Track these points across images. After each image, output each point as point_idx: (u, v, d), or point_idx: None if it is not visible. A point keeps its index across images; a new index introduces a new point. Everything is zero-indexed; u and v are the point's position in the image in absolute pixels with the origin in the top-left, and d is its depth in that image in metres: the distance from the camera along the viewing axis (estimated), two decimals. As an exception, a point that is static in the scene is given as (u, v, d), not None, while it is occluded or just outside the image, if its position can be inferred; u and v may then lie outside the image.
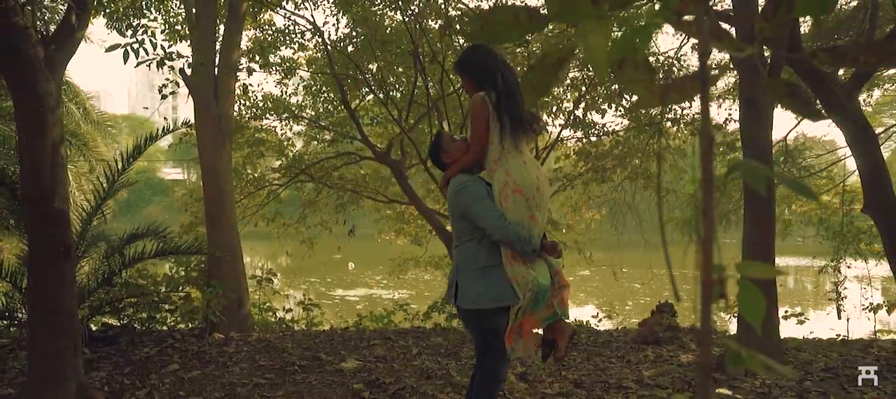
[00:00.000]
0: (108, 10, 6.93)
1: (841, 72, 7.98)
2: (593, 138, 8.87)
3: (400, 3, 7.76)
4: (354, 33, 8.51)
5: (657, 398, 4.34)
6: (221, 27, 6.91)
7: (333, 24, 13.41)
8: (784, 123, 69.85)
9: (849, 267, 9.29)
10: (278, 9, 8.72)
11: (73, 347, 3.79)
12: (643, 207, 11.14)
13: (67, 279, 3.76)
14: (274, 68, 9.56)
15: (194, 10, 6.65)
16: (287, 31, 9.01)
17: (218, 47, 6.71)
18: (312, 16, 27.93)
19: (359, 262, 22.16)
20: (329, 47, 8.18)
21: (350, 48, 8.61)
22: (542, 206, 2.98)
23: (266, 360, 5.14)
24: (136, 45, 5.31)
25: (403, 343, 5.77)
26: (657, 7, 0.83)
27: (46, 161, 3.64)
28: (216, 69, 6.38)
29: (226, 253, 6.15)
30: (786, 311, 7.27)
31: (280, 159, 9.40)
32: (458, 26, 7.89)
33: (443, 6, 7.67)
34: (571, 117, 7.93)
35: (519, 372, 4.75)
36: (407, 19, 7.67)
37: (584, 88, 8.48)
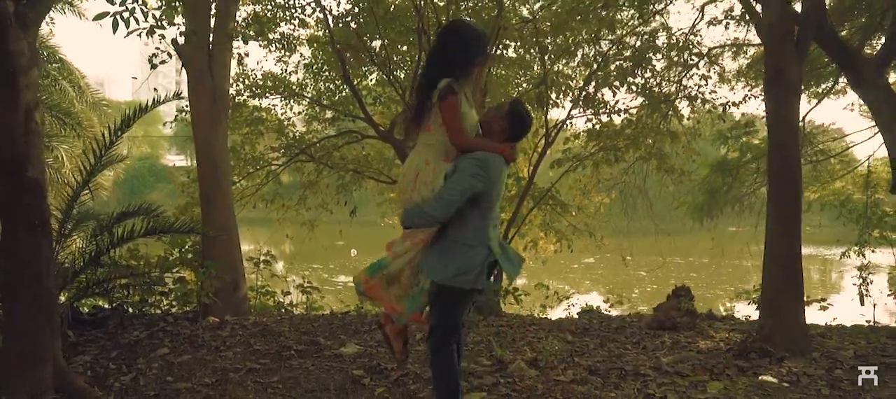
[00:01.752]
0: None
1: (866, 49, 7.63)
2: (604, 118, 8.52)
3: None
4: (357, 8, 8.18)
5: (678, 386, 4.05)
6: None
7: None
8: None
9: (873, 251, 8.95)
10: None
11: (50, 328, 3.51)
12: (654, 192, 10.80)
13: (44, 254, 3.48)
14: (273, 45, 9.26)
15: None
16: (287, 5, 8.68)
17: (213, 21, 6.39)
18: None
19: (362, 248, 21.90)
20: (330, 20, 7.85)
21: (353, 25, 8.28)
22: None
23: (262, 344, 4.87)
24: (126, 14, 5.02)
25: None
26: None
27: (19, 127, 3.35)
28: (210, 39, 6.07)
29: (220, 233, 5.86)
30: (807, 297, 6.96)
31: (280, 139, 9.08)
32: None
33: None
34: (582, 93, 7.59)
35: (529, 358, 4.47)
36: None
37: (595, 65, 8.15)
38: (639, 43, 8.19)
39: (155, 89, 5.38)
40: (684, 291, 5.98)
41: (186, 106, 7.13)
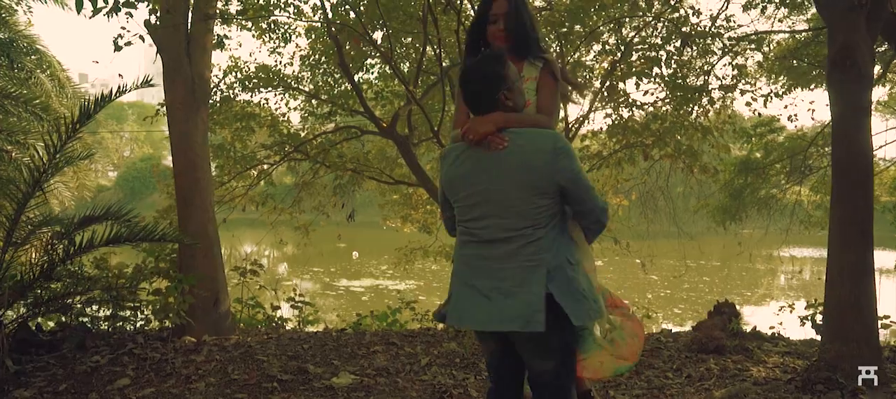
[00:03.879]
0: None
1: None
2: (625, 113, 7.75)
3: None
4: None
5: (742, 431, 3.31)
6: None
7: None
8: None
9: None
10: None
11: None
12: (676, 192, 10.05)
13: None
14: (266, 35, 8.56)
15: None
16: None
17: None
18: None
19: (364, 251, 21.26)
20: (328, 7, 7.13)
21: (352, 14, 7.56)
22: None
23: (241, 372, 4.16)
24: (91, -9, 4.38)
25: (410, 349, 4.77)
26: None
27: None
28: (189, 21, 5.36)
29: (198, 240, 5.14)
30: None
31: (273, 135, 8.35)
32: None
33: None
34: (606, 83, 6.84)
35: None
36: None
37: (618, 55, 7.41)
38: (664, 31, 7.45)
39: (120, 75, 4.68)
40: (728, 308, 5.22)
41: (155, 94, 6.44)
